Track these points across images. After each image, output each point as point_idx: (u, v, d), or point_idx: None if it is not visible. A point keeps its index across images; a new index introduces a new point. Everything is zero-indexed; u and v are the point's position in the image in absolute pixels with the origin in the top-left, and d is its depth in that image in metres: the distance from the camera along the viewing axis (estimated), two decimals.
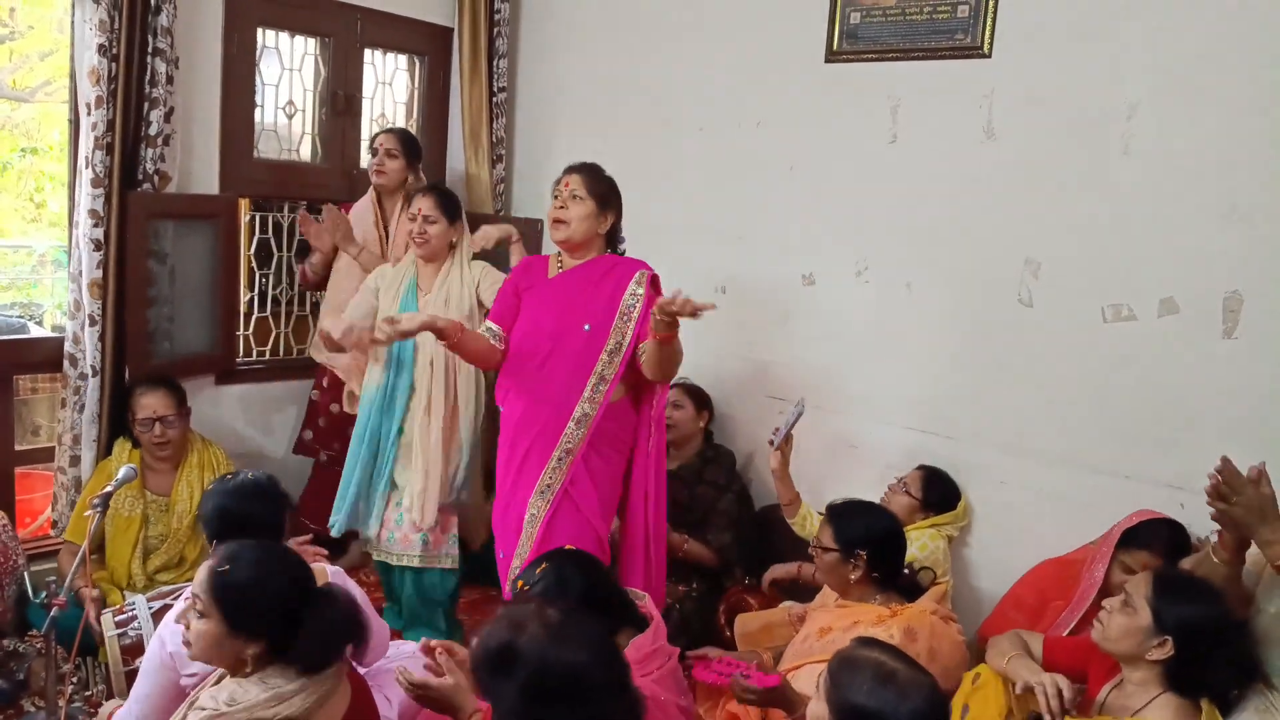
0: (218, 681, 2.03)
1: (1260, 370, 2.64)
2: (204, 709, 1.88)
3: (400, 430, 3.33)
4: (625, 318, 2.80)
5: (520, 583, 2.29)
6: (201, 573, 1.93)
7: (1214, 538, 2.57)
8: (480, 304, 3.34)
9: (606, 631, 1.82)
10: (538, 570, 2.28)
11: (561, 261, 2.95)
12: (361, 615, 2.01)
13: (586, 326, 2.81)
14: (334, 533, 3.39)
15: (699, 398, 3.67)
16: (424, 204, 3.30)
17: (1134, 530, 2.61)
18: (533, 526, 2.89)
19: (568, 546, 2.46)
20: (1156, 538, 2.58)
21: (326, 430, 3.89)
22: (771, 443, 3.26)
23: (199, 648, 1.92)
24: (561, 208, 2.85)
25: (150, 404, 3.26)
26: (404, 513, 3.32)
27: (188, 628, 1.93)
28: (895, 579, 2.62)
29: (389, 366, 3.30)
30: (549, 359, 2.85)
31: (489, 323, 3.00)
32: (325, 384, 3.89)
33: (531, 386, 2.88)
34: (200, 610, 1.90)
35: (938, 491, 3.16)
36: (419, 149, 3.87)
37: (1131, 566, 2.55)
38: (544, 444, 2.84)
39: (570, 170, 2.91)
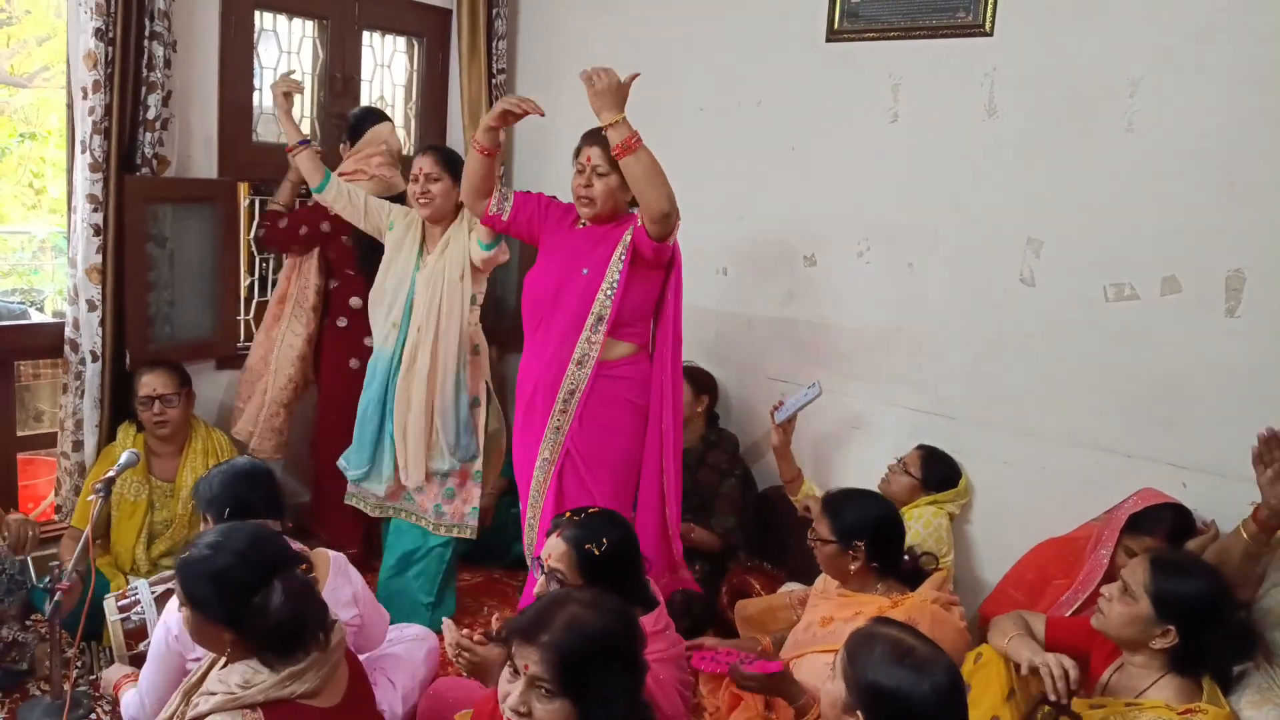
0: (213, 664, 2.06)
1: (1263, 349, 2.64)
2: (214, 693, 1.90)
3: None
4: (620, 259, 2.84)
5: (569, 513, 2.34)
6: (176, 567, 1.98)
7: (1217, 520, 2.59)
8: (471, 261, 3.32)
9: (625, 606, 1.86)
10: (590, 511, 2.32)
11: (584, 221, 2.99)
12: (310, 601, 1.97)
13: (585, 270, 2.87)
14: (349, 475, 3.43)
15: (698, 381, 3.65)
16: (424, 162, 3.26)
17: (1139, 515, 2.62)
18: (543, 472, 2.94)
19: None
20: (1161, 523, 2.59)
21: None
22: (773, 416, 3.25)
23: (189, 633, 1.99)
24: (587, 185, 2.86)
25: (150, 382, 3.27)
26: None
27: None
28: (895, 567, 2.61)
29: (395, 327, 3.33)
30: (553, 302, 2.91)
31: (511, 194, 3.04)
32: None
33: (538, 330, 2.96)
34: (180, 601, 1.96)
35: (937, 470, 3.16)
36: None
37: (1136, 551, 2.55)
38: (549, 385, 2.90)
39: (591, 142, 2.86)
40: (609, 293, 2.83)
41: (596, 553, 2.19)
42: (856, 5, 3.39)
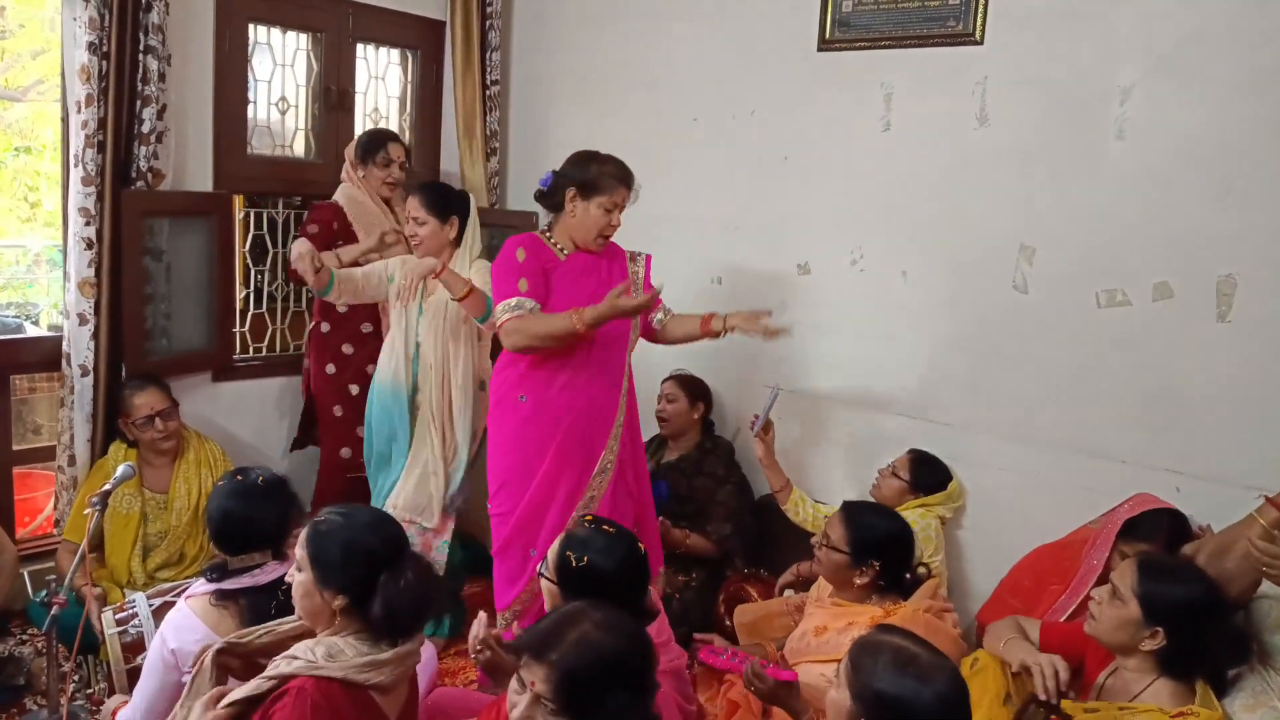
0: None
1: (1254, 353, 2.65)
2: (296, 658, 1.92)
3: (411, 431, 3.33)
4: (636, 291, 2.95)
5: (589, 517, 2.34)
6: (303, 530, 2.04)
7: (1212, 524, 2.59)
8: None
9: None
10: (604, 525, 2.30)
11: (560, 245, 2.99)
12: (433, 588, 2.05)
13: None
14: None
15: (693, 390, 3.67)
16: (411, 205, 3.25)
17: (1135, 521, 2.62)
18: (588, 510, 2.86)
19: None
20: (1157, 529, 2.59)
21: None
22: (752, 427, 3.27)
23: (295, 598, 2.01)
24: (618, 226, 2.97)
25: (145, 401, 3.27)
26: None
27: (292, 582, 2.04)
28: (898, 586, 2.62)
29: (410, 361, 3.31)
30: (604, 334, 2.88)
31: (527, 300, 2.85)
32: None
33: (591, 365, 2.92)
34: (298, 564, 2.00)
35: (927, 474, 3.17)
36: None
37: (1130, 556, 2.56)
38: (603, 422, 2.92)
39: (630, 184, 2.96)
40: (636, 325, 3.01)
41: (573, 565, 2.20)
42: (848, 15, 3.41)
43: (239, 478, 2.44)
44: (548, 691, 1.68)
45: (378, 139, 3.75)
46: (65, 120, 3.35)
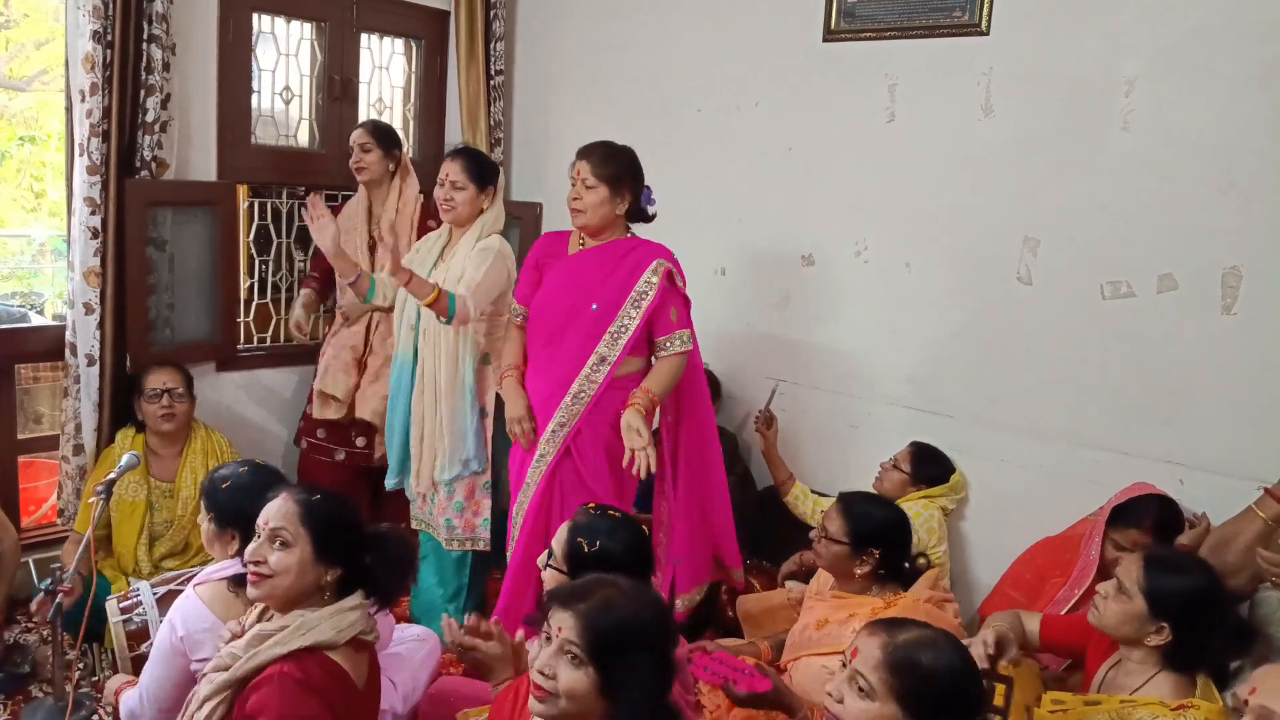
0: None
1: (1259, 346, 2.65)
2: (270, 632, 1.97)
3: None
4: (635, 305, 2.82)
5: (593, 505, 2.35)
6: (282, 504, 2.02)
7: (1211, 515, 2.59)
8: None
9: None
10: (608, 511, 2.31)
11: (583, 240, 2.96)
12: (413, 554, 2.19)
13: (594, 306, 2.84)
14: (389, 487, 3.41)
15: (714, 384, 3.68)
16: (451, 168, 3.16)
17: (1123, 507, 2.62)
18: (525, 495, 2.94)
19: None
20: (1146, 514, 2.60)
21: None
22: (755, 422, 3.27)
23: (283, 577, 1.98)
24: (576, 198, 2.87)
25: (161, 377, 3.31)
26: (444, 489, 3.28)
27: (263, 562, 1.98)
28: (899, 573, 2.63)
29: (411, 330, 3.28)
30: (556, 334, 2.89)
31: (515, 304, 3.08)
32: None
33: (539, 359, 2.96)
34: (284, 540, 1.98)
35: (929, 467, 3.17)
36: (393, 136, 3.76)
37: (1122, 544, 2.57)
38: (542, 415, 2.91)
39: (580, 155, 2.89)
40: (618, 336, 2.82)
41: (585, 550, 2.20)
42: (853, 5, 3.40)
43: (243, 469, 2.48)
44: (575, 636, 1.67)
45: None
46: (69, 110, 3.34)
